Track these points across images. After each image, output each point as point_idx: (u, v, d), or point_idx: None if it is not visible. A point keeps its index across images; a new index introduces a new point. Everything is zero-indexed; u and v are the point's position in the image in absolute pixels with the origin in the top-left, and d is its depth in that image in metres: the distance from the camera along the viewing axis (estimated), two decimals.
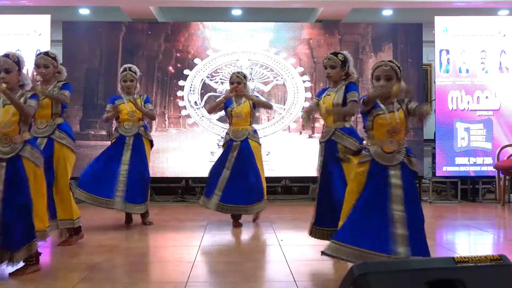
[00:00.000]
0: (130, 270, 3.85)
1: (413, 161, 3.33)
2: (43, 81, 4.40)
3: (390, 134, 3.29)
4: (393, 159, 3.29)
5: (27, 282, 3.46)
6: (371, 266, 2.04)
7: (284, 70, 7.77)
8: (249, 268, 4.00)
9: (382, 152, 3.30)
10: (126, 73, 5.47)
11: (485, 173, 7.68)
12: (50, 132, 4.35)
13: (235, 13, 8.54)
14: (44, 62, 4.37)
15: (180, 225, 5.71)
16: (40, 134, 4.30)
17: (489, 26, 7.73)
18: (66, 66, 7.52)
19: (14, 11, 7.71)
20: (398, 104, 3.34)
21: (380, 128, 3.30)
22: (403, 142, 3.33)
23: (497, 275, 2.04)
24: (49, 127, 4.37)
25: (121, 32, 7.71)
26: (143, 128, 5.50)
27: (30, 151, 3.56)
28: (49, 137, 4.34)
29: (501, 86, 7.69)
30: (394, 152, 3.29)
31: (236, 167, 5.36)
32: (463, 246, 5.03)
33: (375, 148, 3.32)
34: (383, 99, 3.35)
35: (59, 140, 4.36)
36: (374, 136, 3.34)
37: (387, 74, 3.31)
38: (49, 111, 4.38)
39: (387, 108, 3.32)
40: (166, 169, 7.61)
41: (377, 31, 7.87)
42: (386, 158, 3.29)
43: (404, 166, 3.29)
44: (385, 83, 3.31)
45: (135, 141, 5.41)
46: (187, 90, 7.70)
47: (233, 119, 5.46)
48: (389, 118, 3.28)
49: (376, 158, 3.30)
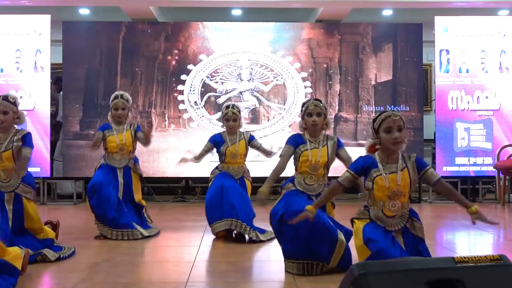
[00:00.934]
0: (130, 270, 3.84)
1: (417, 226, 3.07)
2: (0, 129, 3.92)
3: (392, 198, 3.04)
4: (395, 224, 3.05)
5: (27, 282, 3.46)
6: (371, 266, 2.04)
7: (284, 70, 7.77)
8: (249, 268, 4.01)
9: (382, 215, 3.06)
10: (118, 101, 5.02)
11: (485, 173, 7.69)
12: (15, 186, 3.96)
13: (235, 13, 8.54)
14: (3, 109, 3.87)
15: (180, 225, 5.71)
16: (4, 188, 3.93)
17: (489, 26, 7.73)
18: (66, 66, 7.62)
19: (14, 11, 7.72)
20: (403, 161, 3.08)
21: (380, 190, 3.04)
22: (406, 205, 3.08)
23: (497, 275, 2.04)
24: (13, 181, 3.96)
25: (121, 32, 7.71)
26: (132, 161, 5.11)
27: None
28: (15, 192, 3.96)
29: (501, 86, 7.70)
30: (396, 216, 3.06)
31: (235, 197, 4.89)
32: (463, 246, 5.03)
33: (376, 211, 3.08)
34: (386, 156, 3.08)
35: (25, 194, 3.99)
36: (375, 197, 3.07)
37: (399, 125, 3.03)
38: (12, 164, 3.94)
39: (388, 168, 3.06)
40: (166, 169, 7.61)
41: (377, 31, 7.87)
42: (387, 223, 3.05)
43: (406, 231, 3.07)
44: (398, 134, 3.01)
45: (124, 176, 5.01)
46: (187, 90, 7.70)
47: (227, 158, 5.03)
48: (389, 181, 3.03)
49: (376, 220, 3.07)
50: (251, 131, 7.68)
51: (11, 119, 3.91)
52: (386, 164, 3.07)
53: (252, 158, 7.56)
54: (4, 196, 3.90)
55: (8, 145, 3.90)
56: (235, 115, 5.01)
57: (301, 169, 3.83)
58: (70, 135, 7.60)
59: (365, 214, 3.13)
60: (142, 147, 5.38)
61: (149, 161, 7.54)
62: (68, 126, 7.60)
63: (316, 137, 3.86)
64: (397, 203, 3.04)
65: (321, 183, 3.82)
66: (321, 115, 3.82)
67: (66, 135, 7.63)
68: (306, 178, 3.81)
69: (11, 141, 3.91)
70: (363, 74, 7.77)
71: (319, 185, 3.81)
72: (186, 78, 7.69)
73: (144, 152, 7.54)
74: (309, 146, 3.83)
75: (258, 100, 7.75)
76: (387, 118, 3.04)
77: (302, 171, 3.83)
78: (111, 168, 5.03)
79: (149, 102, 7.66)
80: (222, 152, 5.06)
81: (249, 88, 7.73)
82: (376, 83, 7.78)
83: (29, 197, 3.98)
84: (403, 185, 3.03)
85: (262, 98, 7.76)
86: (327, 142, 3.86)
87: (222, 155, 5.06)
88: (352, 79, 7.79)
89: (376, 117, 3.10)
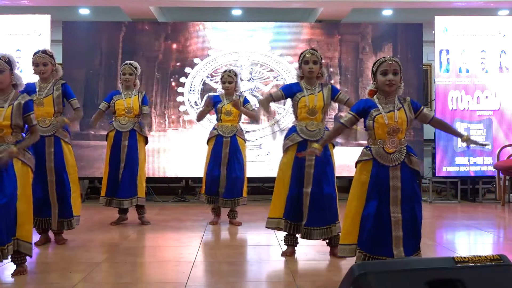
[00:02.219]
0: (130, 270, 3.84)
1: (414, 160, 3.32)
2: (41, 79, 4.50)
3: (391, 135, 3.29)
4: (394, 159, 3.29)
5: (27, 282, 3.46)
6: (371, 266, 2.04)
7: (284, 70, 7.77)
8: (249, 268, 4.01)
9: (383, 152, 3.29)
10: (126, 67, 5.54)
11: (485, 173, 7.69)
12: (55, 130, 4.49)
13: (235, 13, 8.54)
14: (43, 61, 4.44)
15: (180, 225, 5.71)
16: (43, 132, 4.36)
17: (489, 26, 7.73)
18: (66, 66, 7.62)
19: (14, 11, 7.72)
20: (399, 103, 3.33)
21: (380, 127, 3.28)
22: (404, 141, 3.33)
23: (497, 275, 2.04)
24: (52, 126, 4.49)
25: (121, 32, 7.71)
26: (138, 125, 5.52)
27: (22, 151, 3.57)
28: (54, 136, 4.49)
29: (501, 86, 7.70)
30: (395, 152, 3.29)
31: (229, 163, 5.52)
32: (463, 246, 5.03)
33: (377, 148, 3.31)
34: (384, 98, 3.34)
35: (63, 137, 4.54)
36: (376, 136, 3.33)
37: (395, 68, 3.30)
38: (51, 109, 4.49)
39: (387, 107, 3.30)
40: (166, 169, 7.61)
41: (377, 31, 7.87)
42: (387, 159, 3.29)
43: (404, 165, 3.30)
44: (393, 77, 3.28)
45: (129, 139, 5.46)
46: (187, 90, 7.70)
47: (222, 115, 5.55)
48: (387, 118, 3.26)
49: (377, 158, 3.30)
50: (251, 131, 7.72)
51: (50, 71, 4.48)
52: (384, 105, 3.31)
53: (253, 158, 7.58)
54: (45, 141, 4.40)
55: (48, 91, 4.46)
56: (230, 78, 5.52)
57: (301, 115, 4.13)
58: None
59: (367, 154, 3.34)
60: None
61: (149, 161, 7.50)
62: (68, 126, 7.59)
63: (312, 85, 4.15)
64: (395, 140, 3.29)
65: (321, 127, 4.11)
66: (317, 63, 4.11)
67: None
68: (308, 125, 4.11)
69: (52, 89, 4.47)
70: (363, 74, 7.77)
71: (319, 130, 4.10)
72: (186, 78, 7.69)
73: None
74: (306, 93, 4.12)
75: (258, 100, 7.74)
76: (383, 62, 3.32)
77: (302, 117, 4.13)
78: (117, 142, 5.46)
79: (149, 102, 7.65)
80: (218, 110, 5.56)
81: (249, 88, 7.73)
82: None
83: (66, 140, 4.55)
84: (400, 122, 3.27)
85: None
86: (322, 89, 4.15)
87: (218, 112, 5.57)
88: (352, 79, 7.79)
89: (375, 62, 3.40)
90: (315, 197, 4.05)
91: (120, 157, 5.45)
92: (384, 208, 3.27)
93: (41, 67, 4.45)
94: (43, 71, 4.45)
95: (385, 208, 3.27)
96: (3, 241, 3.41)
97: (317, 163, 4.07)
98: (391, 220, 3.25)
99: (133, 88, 5.55)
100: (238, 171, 5.53)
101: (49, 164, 4.43)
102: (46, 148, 4.43)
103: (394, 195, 3.27)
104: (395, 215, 3.26)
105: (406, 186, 3.28)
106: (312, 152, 3.56)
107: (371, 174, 3.31)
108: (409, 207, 3.28)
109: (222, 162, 5.52)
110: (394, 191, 3.28)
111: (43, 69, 4.45)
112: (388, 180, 3.29)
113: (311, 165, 4.06)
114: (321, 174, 4.08)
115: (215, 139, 5.58)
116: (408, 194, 3.29)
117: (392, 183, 3.28)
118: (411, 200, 3.30)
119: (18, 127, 3.57)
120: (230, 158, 5.52)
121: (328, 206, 4.05)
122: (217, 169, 5.53)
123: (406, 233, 3.26)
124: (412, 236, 3.28)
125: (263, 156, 7.70)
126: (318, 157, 3.92)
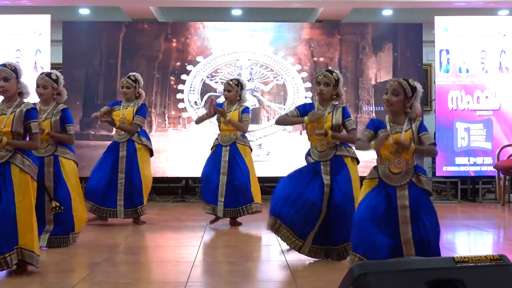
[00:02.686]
0: (130, 270, 3.85)
1: (423, 179, 3.29)
2: (41, 101, 4.48)
3: (394, 155, 3.26)
4: (400, 180, 3.27)
5: (27, 282, 3.46)
6: (371, 266, 2.04)
7: (284, 70, 7.77)
8: (249, 268, 4.01)
9: (389, 173, 3.29)
10: (124, 80, 5.61)
11: (485, 173, 7.68)
12: (53, 150, 4.47)
13: (235, 13, 8.54)
14: (43, 83, 4.43)
15: (180, 225, 5.71)
16: (42, 154, 4.36)
17: (489, 26, 7.73)
18: (66, 66, 7.62)
19: (14, 11, 7.71)
20: (408, 124, 3.33)
21: (385, 148, 3.28)
22: (411, 162, 3.30)
23: (497, 275, 2.04)
24: (51, 146, 4.46)
25: (121, 32, 7.71)
26: (136, 134, 5.53)
27: (21, 158, 3.55)
28: (53, 155, 4.46)
29: (501, 86, 7.69)
30: (402, 172, 3.27)
31: (229, 171, 5.42)
32: (463, 246, 5.04)
33: (383, 169, 3.31)
34: (392, 118, 3.34)
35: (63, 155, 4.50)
36: (382, 156, 3.32)
37: (394, 89, 3.29)
38: None
39: (394, 128, 3.31)
40: (166, 169, 7.61)
41: (377, 31, 7.87)
42: (393, 179, 3.28)
43: (412, 185, 3.27)
44: (390, 97, 3.30)
45: (127, 149, 5.49)
46: (187, 90, 7.70)
47: (221, 124, 5.50)
48: (393, 140, 3.23)
49: (383, 178, 3.29)
50: (251, 131, 7.71)
51: (50, 94, 4.44)
52: (393, 125, 3.33)
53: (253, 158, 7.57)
54: (44, 161, 4.36)
55: (48, 115, 4.44)
56: (229, 86, 5.49)
57: (311, 136, 4.14)
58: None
59: (374, 174, 3.35)
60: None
61: None
62: None
63: (324, 106, 4.13)
64: (401, 160, 3.27)
65: (332, 146, 4.08)
66: (329, 85, 4.08)
67: None
68: (317, 146, 4.11)
69: (51, 113, 4.44)
70: (363, 74, 7.77)
71: (330, 150, 4.08)
72: (186, 78, 7.69)
73: None
74: None
75: (258, 100, 7.75)
76: (388, 83, 3.39)
77: (311, 138, 4.15)
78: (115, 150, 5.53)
79: (149, 102, 7.65)
80: (218, 119, 5.57)
81: (249, 88, 7.72)
82: (376, 83, 7.77)
83: (67, 157, 4.50)
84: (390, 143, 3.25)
85: (262, 98, 7.76)
86: (333, 109, 4.12)
87: (218, 121, 5.57)
88: (352, 79, 7.79)
89: None
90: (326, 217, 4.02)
91: (119, 168, 5.46)
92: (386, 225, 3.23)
93: (41, 89, 4.44)
94: (42, 93, 4.44)
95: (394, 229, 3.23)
96: (3, 250, 3.39)
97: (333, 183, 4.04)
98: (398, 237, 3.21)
99: (134, 99, 5.59)
100: (241, 178, 5.41)
101: (48, 184, 4.36)
102: (45, 168, 4.39)
103: (403, 214, 3.23)
104: (404, 234, 3.21)
105: (414, 206, 3.24)
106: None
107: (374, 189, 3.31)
108: (420, 225, 3.22)
109: (222, 170, 5.42)
110: (402, 211, 3.23)
111: (42, 92, 4.43)
112: (396, 199, 3.25)
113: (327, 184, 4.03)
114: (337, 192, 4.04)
115: (216, 147, 5.56)
116: (416, 213, 3.23)
117: (400, 202, 3.25)
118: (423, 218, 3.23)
119: (18, 134, 3.55)
120: (230, 166, 5.42)
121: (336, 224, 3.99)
122: (216, 176, 5.43)
123: (419, 251, 3.19)
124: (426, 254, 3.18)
125: (263, 156, 7.69)
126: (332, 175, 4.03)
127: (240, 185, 5.41)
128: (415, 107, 3.34)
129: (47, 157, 4.42)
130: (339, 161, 4.07)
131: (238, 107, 5.49)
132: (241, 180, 5.42)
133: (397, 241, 3.21)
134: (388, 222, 3.23)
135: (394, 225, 3.23)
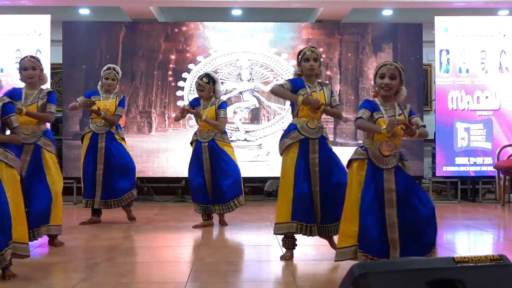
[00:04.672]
0: (130, 270, 3.85)
1: (406, 164, 3.40)
2: (28, 85, 4.42)
3: (389, 138, 3.31)
4: (388, 162, 3.34)
5: (27, 282, 3.46)
6: (371, 266, 2.04)
7: (284, 70, 7.77)
8: (249, 268, 4.01)
9: (379, 154, 3.35)
10: (110, 71, 5.56)
11: (485, 173, 7.68)
12: (36, 138, 4.36)
13: (235, 13, 8.54)
14: (32, 64, 4.38)
15: (180, 225, 5.71)
16: (25, 140, 4.20)
17: (489, 26, 7.73)
18: (66, 66, 7.62)
19: (14, 11, 7.71)
20: (399, 109, 3.40)
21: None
22: (398, 147, 3.40)
23: (497, 275, 2.04)
24: (34, 133, 4.37)
25: (121, 32, 7.71)
26: (114, 127, 5.55)
27: (4, 153, 3.48)
28: (35, 144, 4.35)
29: (501, 86, 7.69)
30: (390, 155, 3.35)
31: (214, 168, 5.38)
32: (463, 246, 5.04)
33: (373, 150, 3.36)
34: (384, 102, 3.39)
35: (45, 147, 4.39)
36: (374, 137, 3.37)
37: (392, 73, 3.35)
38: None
39: (388, 112, 3.37)
40: (166, 169, 7.61)
41: (377, 31, 7.86)
42: (382, 161, 3.34)
43: (398, 170, 3.35)
44: (389, 81, 3.34)
45: (106, 140, 5.50)
46: (187, 90, 7.70)
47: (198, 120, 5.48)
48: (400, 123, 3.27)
49: (373, 159, 3.34)
50: (251, 131, 7.71)
51: (38, 75, 4.41)
52: (386, 109, 3.36)
53: (252, 158, 7.58)
54: (23, 148, 4.22)
55: (34, 99, 4.38)
56: (200, 86, 5.40)
57: (303, 112, 4.04)
58: (70, 135, 7.59)
59: (363, 154, 3.38)
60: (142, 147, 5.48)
61: (149, 161, 7.55)
62: (68, 126, 7.60)
63: (311, 83, 4.09)
64: (391, 144, 3.33)
65: (320, 126, 4.08)
66: (317, 60, 4.06)
67: (66, 135, 7.62)
68: (308, 122, 4.04)
69: (37, 97, 4.39)
70: (363, 74, 7.77)
71: (319, 128, 4.06)
72: (186, 78, 7.69)
73: (144, 152, 7.55)
74: (308, 90, 4.03)
75: (258, 100, 7.75)
76: (383, 66, 3.38)
77: (304, 114, 4.04)
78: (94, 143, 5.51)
79: (149, 102, 7.66)
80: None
81: (249, 88, 7.73)
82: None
83: (49, 149, 4.38)
84: (399, 127, 3.26)
85: (262, 98, 7.76)
86: (322, 87, 4.11)
87: (195, 116, 5.48)
88: (352, 79, 7.79)
89: (377, 65, 3.46)
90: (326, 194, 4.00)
91: (98, 159, 5.47)
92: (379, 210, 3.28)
93: (30, 71, 4.37)
94: (32, 75, 4.38)
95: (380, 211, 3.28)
96: (1, 246, 3.37)
97: (321, 161, 4.03)
98: (384, 221, 3.27)
99: (112, 92, 5.60)
100: (227, 172, 5.39)
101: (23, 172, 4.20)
102: (22, 155, 4.23)
103: (389, 197, 3.29)
104: (390, 217, 3.27)
105: (401, 190, 3.30)
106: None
107: (366, 175, 3.34)
108: (407, 209, 3.28)
109: (205, 169, 5.38)
110: (389, 194, 3.29)
111: (32, 73, 4.37)
112: (382, 182, 3.31)
113: (315, 163, 4.01)
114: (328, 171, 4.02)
115: (195, 143, 5.48)
116: (404, 195, 3.29)
117: (387, 186, 3.31)
118: (409, 199, 3.29)
119: None
120: (213, 164, 5.37)
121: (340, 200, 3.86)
122: (201, 177, 5.39)
123: (403, 236, 3.26)
124: (413, 241, 3.26)
125: (263, 156, 7.69)
126: (321, 154, 3.99)
127: (227, 181, 5.38)
128: (403, 91, 3.42)
129: (27, 144, 4.28)
130: (325, 141, 4.09)
131: (215, 101, 5.42)
132: (233, 174, 5.41)
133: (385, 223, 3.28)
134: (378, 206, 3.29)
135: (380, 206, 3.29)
